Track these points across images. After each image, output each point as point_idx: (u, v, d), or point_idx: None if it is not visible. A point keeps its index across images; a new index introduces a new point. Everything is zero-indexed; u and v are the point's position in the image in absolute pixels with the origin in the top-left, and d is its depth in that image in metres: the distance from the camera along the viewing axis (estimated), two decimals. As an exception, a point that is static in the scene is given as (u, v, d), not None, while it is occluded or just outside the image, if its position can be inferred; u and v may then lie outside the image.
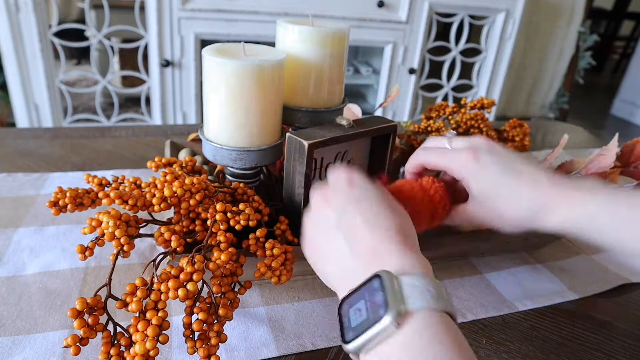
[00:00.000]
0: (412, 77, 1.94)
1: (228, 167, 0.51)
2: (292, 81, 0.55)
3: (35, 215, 0.60)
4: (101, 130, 0.88)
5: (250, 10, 1.61)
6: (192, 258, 0.36)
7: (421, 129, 0.74)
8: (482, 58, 2.07)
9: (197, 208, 0.42)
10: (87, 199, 0.40)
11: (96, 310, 0.35)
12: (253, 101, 0.47)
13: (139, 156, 0.79)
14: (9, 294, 0.47)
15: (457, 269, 0.58)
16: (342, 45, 0.54)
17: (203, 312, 0.36)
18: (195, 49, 1.62)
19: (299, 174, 0.49)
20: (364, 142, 0.59)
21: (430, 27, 1.88)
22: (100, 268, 0.52)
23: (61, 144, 0.81)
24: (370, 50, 2.26)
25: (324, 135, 0.49)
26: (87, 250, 0.37)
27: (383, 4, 1.75)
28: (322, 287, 0.52)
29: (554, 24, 2.43)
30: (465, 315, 0.50)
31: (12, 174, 0.69)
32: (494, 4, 1.92)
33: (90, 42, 1.58)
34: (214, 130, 0.49)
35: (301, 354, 0.44)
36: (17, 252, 0.53)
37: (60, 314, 0.45)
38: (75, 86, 2.37)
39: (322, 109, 0.56)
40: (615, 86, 3.75)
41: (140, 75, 1.66)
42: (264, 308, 0.48)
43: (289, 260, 0.42)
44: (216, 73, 0.46)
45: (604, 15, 4.72)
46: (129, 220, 0.38)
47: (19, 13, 1.44)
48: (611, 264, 0.61)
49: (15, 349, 0.41)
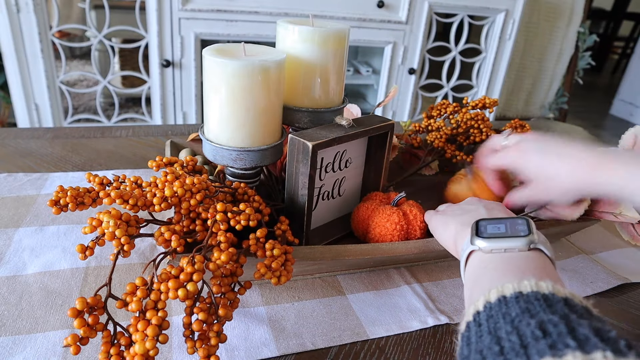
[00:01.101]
0: (412, 77, 1.94)
1: (228, 167, 0.51)
2: (292, 81, 0.55)
3: (36, 215, 0.60)
4: (101, 130, 0.88)
5: (251, 10, 1.61)
6: (192, 258, 0.36)
7: (422, 128, 0.74)
8: (482, 58, 2.07)
9: (198, 208, 0.42)
10: (88, 198, 0.40)
11: (96, 309, 0.35)
12: (253, 101, 0.47)
13: (139, 156, 0.79)
14: (9, 293, 0.48)
15: (457, 269, 0.58)
16: (342, 45, 0.54)
17: (203, 312, 0.36)
18: (196, 49, 1.62)
19: (303, 175, 0.49)
20: (361, 141, 0.59)
21: (430, 27, 1.88)
22: (101, 268, 0.52)
23: (62, 144, 0.81)
24: (370, 50, 2.26)
25: (326, 136, 0.49)
26: (87, 250, 0.37)
27: (383, 4, 1.75)
28: (322, 287, 0.52)
29: (553, 24, 2.43)
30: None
31: (13, 174, 0.70)
32: (493, 4, 1.92)
33: (91, 43, 1.58)
34: (214, 130, 0.49)
35: (301, 354, 0.44)
36: (17, 252, 0.53)
37: (60, 314, 0.46)
38: (76, 86, 2.37)
39: (322, 109, 0.56)
40: (615, 86, 3.75)
41: (140, 75, 1.66)
42: (264, 308, 0.49)
43: (289, 260, 0.42)
44: (216, 73, 0.46)
45: (603, 16, 4.72)
46: (130, 220, 0.38)
47: (19, 13, 1.44)
48: (611, 264, 0.61)
49: (16, 348, 0.41)
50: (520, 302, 0.27)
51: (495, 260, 0.34)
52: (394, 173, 0.74)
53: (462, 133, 0.72)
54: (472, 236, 0.37)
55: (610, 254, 0.63)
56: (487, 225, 0.37)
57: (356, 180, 0.62)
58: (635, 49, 3.53)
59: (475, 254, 0.36)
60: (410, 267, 0.57)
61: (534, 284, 0.28)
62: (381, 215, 0.54)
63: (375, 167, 0.61)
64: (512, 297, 0.28)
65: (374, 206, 0.55)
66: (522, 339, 0.24)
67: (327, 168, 0.55)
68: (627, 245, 0.66)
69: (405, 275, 0.56)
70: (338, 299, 0.51)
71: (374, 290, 0.53)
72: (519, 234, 0.35)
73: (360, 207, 0.57)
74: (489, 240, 0.35)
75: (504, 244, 0.34)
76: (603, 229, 0.69)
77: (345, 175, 0.59)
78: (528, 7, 2.21)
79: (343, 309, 0.49)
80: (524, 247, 0.34)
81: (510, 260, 0.33)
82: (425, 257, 0.56)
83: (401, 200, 0.56)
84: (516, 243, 0.34)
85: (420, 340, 0.47)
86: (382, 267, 0.56)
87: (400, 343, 0.46)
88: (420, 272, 0.57)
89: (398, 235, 0.53)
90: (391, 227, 0.53)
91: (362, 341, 0.46)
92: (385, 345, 0.46)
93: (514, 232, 0.35)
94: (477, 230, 0.37)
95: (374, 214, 0.55)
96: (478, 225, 0.38)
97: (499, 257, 0.34)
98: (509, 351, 0.24)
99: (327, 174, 0.56)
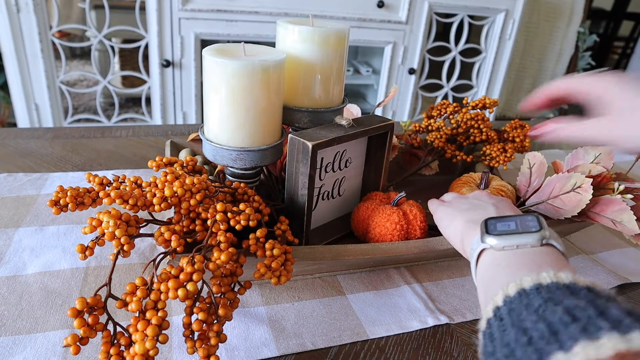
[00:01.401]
0: (412, 77, 1.94)
1: (228, 167, 0.51)
2: (292, 81, 0.55)
3: (36, 215, 0.60)
4: (101, 130, 0.88)
5: (251, 10, 1.61)
6: (192, 258, 0.36)
7: (422, 128, 0.74)
8: (482, 58, 2.07)
9: (198, 208, 0.42)
10: (88, 198, 0.40)
11: (96, 309, 0.35)
12: (253, 101, 0.47)
13: (139, 156, 0.79)
14: (9, 293, 0.48)
15: (457, 269, 0.58)
16: (342, 45, 0.54)
17: (203, 312, 0.36)
18: (196, 49, 1.62)
19: (303, 175, 0.49)
20: (361, 141, 0.59)
21: (430, 28, 1.88)
22: (101, 268, 0.52)
23: (62, 144, 0.81)
24: (370, 50, 2.26)
25: (326, 136, 0.49)
26: (87, 250, 0.37)
27: (383, 4, 1.75)
28: (322, 287, 0.52)
29: (553, 24, 2.43)
30: (465, 315, 0.50)
31: (13, 174, 0.70)
32: (493, 4, 1.92)
33: (91, 43, 1.58)
34: (214, 130, 0.49)
35: (301, 354, 0.44)
36: (17, 252, 0.53)
37: (60, 314, 0.46)
38: (76, 86, 2.37)
39: (322, 109, 0.56)
40: (615, 86, 3.74)
41: (140, 75, 1.66)
42: (264, 308, 0.49)
43: (289, 260, 0.42)
44: (216, 73, 0.46)
45: (603, 16, 4.72)
46: (129, 219, 0.38)
47: (19, 13, 1.44)
48: (611, 264, 0.61)
49: (16, 348, 0.41)
50: (542, 293, 0.26)
51: (509, 257, 0.34)
52: (394, 173, 0.74)
53: (462, 133, 0.72)
54: (483, 234, 0.36)
55: (610, 254, 0.63)
56: (496, 223, 0.37)
57: (356, 180, 0.62)
58: (635, 49, 3.53)
59: (487, 253, 0.36)
60: (410, 267, 0.57)
61: (553, 275, 0.28)
62: (381, 214, 0.54)
63: (375, 167, 0.61)
64: (533, 289, 0.27)
65: (374, 206, 0.56)
66: (550, 326, 0.23)
67: (327, 168, 0.55)
68: (627, 245, 0.66)
69: (405, 275, 0.56)
70: (338, 299, 0.51)
71: (374, 290, 0.53)
72: (530, 230, 0.35)
73: (361, 207, 0.57)
74: (500, 238, 0.35)
75: (516, 240, 0.34)
76: (603, 229, 0.69)
77: (345, 175, 0.59)
78: (528, 7, 2.21)
79: (343, 309, 0.49)
80: (536, 243, 0.34)
81: (523, 256, 0.33)
82: (425, 257, 0.56)
83: (401, 200, 0.56)
84: (528, 239, 0.34)
85: (420, 340, 0.47)
86: (382, 267, 0.56)
87: (400, 343, 0.46)
88: (420, 272, 0.57)
89: (398, 235, 0.53)
90: (391, 227, 0.53)
91: (362, 341, 0.46)
92: (385, 345, 0.46)
93: (525, 228, 0.35)
94: (487, 228, 0.37)
95: (374, 213, 0.55)
96: (487, 223, 0.37)
97: (512, 254, 0.34)
98: (538, 340, 0.23)
99: (327, 174, 0.56)
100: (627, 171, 0.61)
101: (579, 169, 0.57)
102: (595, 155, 0.58)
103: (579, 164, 0.58)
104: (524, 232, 0.35)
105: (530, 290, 0.27)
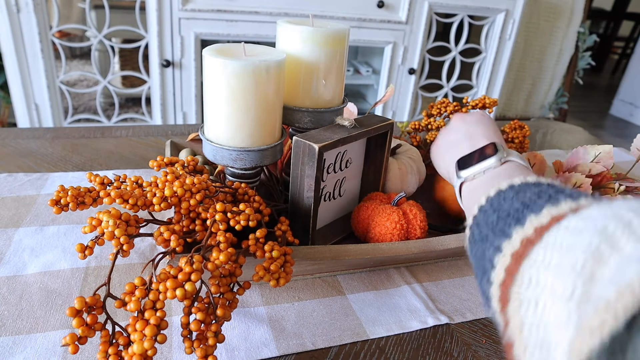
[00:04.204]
0: (412, 77, 1.94)
1: (228, 167, 0.51)
2: (293, 81, 0.55)
3: (36, 215, 0.60)
4: (102, 130, 0.88)
5: (251, 10, 1.61)
6: (191, 258, 0.36)
7: (422, 127, 0.74)
8: (482, 58, 2.07)
9: (198, 208, 0.42)
10: (89, 197, 0.40)
11: (95, 309, 0.35)
12: (253, 101, 0.47)
13: (139, 156, 0.79)
14: (9, 293, 0.48)
15: (457, 269, 0.58)
16: (342, 45, 0.54)
17: (201, 312, 0.36)
18: (196, 49, 1.62)
19: (309, 177, 0.49)
20: (361, 141, 0.59)
21: (430, 28, 1.88)
22: (101, 268, 0.52)
23: (62, 144, 0.81)
24: (370, 50, 2.26)
25: (331, 137, 0.49)
26: (86, 249, 0.37)
27: (383, 4, 1.75)
28: (322, 287, 0.52)
29: (553, 24, 2.43)
30: (465, 315, 0.50)
31: (13, 174, 0.70)
32: (493, 4, 1.92)
33: (91, 43, 1.58)
34: (214, 130, 0.49)
35: (301, 354, 0.44)
36: (17, 252, 0.53)
37: (60, 314, 0.46)
38: (76, 86, 2.37)
39: (323, 109, 0.56)
40: (615, 86, 3.74)
41: (140, 75, 1.66)
42: (264, 308, 0.49)
43: (288, 262, 0.42)
44: (216, 73, 0.46)
45: (603, 16, 4.72)
46: (129, 219, 0.38)
47: (19, 13, 1.44)
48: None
49: (16, 348, 0.41)
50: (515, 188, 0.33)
51: (482, 181, 0.41)
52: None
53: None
54: (457, 172, 0.44)
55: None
56: (466, 159, 0.44)
57: (356, 180, 0.62)
58: (635, 49, 3.53)
59: (465, 185, 0.43)
60: (410, 267, 0.57)
61: (522, 178, 0.34)
62: (381, 214, 0.54)
63: (374, 166, 0.61)
64: (507, 188, 0.33)
65: (374, 206, 0.56)
66: (523, 202, 0.30)
67: (329, 169, 0.55)
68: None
69: (405, 275, 0.56)
70: (338, 299, 0.51)
71: (374, 290, 0.53)
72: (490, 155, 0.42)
73: (361, 207, 0.57)
74: (468, 170, 0.42)
75: (481, 166, 0.41)
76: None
77: (345, 175, 0.59)
78: (528, 7, 2.21)
79: (343, 309, 0.49)
80: (497, 163, 0.40)
81: (493, 176, 0.40)
82: (425, 257, 0.56)
83: (401, 200, 0.57)
84: (489, 162, 0.41)
85: (420, 340, 0.47)
86: (382, 267, 0.56)
87: (400, 343, 0.46)
88: (420, 272, 0.57)
89: (398, 235, 0.53)
90: (391, 226, 0.53)
91: (362, 341, 0.46)
92: (385, 345, 0.46)
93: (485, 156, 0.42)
94: (458, 166, 0.44)
95: (374, 213, 0.55)
96: (458, 163, 0.45)
97: (484, 178, 0.41)
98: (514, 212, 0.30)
99: (329, 175, 0.56)
100: (627, 171, 0.61)
101: (579, 169, 0.57)
102: (595, 155, 0.58)
103: (579, 164, 0.58)
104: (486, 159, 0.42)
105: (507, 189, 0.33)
